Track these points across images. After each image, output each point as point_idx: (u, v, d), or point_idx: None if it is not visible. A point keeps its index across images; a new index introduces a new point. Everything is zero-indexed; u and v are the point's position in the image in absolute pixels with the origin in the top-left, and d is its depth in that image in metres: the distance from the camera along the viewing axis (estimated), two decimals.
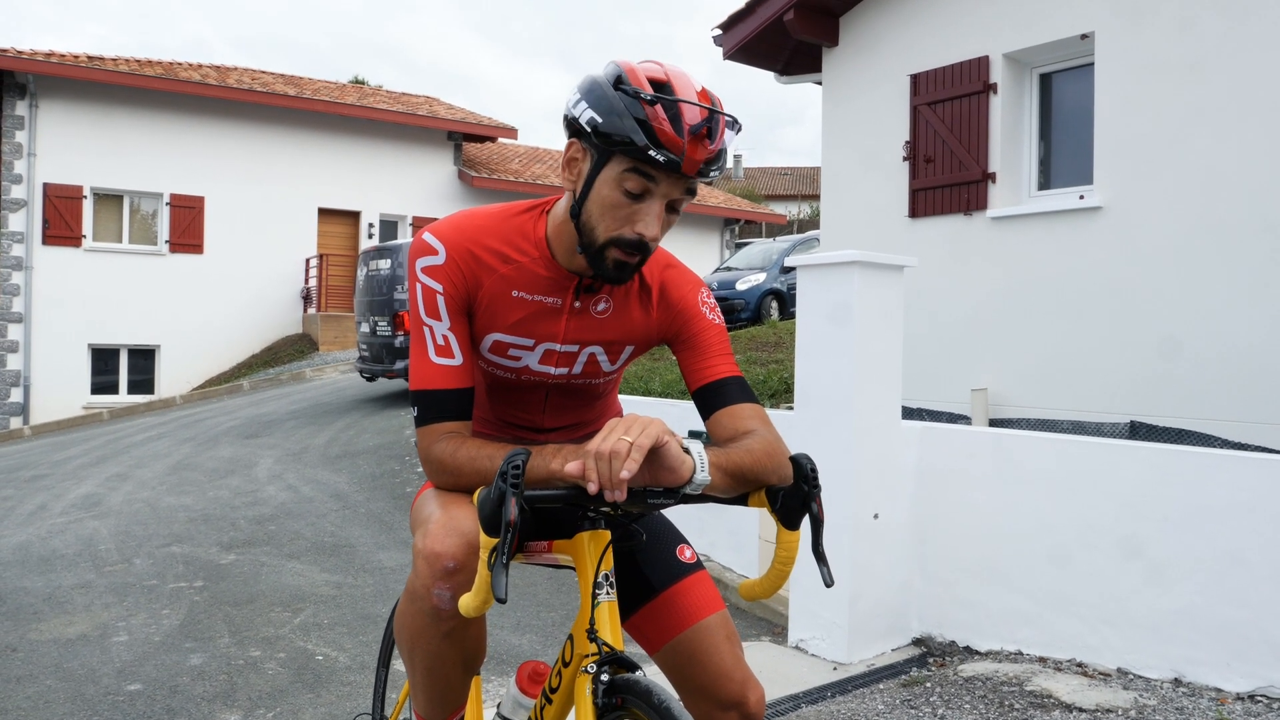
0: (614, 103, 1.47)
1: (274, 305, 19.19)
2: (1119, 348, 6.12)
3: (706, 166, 1.49)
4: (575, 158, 1.57)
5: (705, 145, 1.48)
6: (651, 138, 1.46)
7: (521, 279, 1.67)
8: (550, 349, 1.72)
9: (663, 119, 1.46)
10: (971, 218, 7.06)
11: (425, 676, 1.76)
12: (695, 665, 1.70)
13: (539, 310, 1.69)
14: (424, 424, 1.62)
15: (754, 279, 15.05)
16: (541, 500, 1.46)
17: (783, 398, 8.03)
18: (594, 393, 1.85)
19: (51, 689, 3.92)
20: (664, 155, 1.46)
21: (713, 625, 1.73)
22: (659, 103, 1.46)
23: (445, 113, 21.52)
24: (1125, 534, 3.77)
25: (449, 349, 1.62)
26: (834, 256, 4.20)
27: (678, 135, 1.46)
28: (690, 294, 1.76)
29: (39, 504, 7.90)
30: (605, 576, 1.58)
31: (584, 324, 1.72)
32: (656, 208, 1.53)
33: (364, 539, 6.50)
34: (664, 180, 1.50)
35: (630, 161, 1.48)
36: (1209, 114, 5.73)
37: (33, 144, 16.82)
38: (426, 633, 1.66)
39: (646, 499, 1.48)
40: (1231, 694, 3.48)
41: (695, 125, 1.46)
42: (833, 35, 8.07)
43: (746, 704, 1.68)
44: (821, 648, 4.16)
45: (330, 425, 11.27)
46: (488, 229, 1.67)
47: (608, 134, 1.48)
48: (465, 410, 1.63)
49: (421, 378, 1.63)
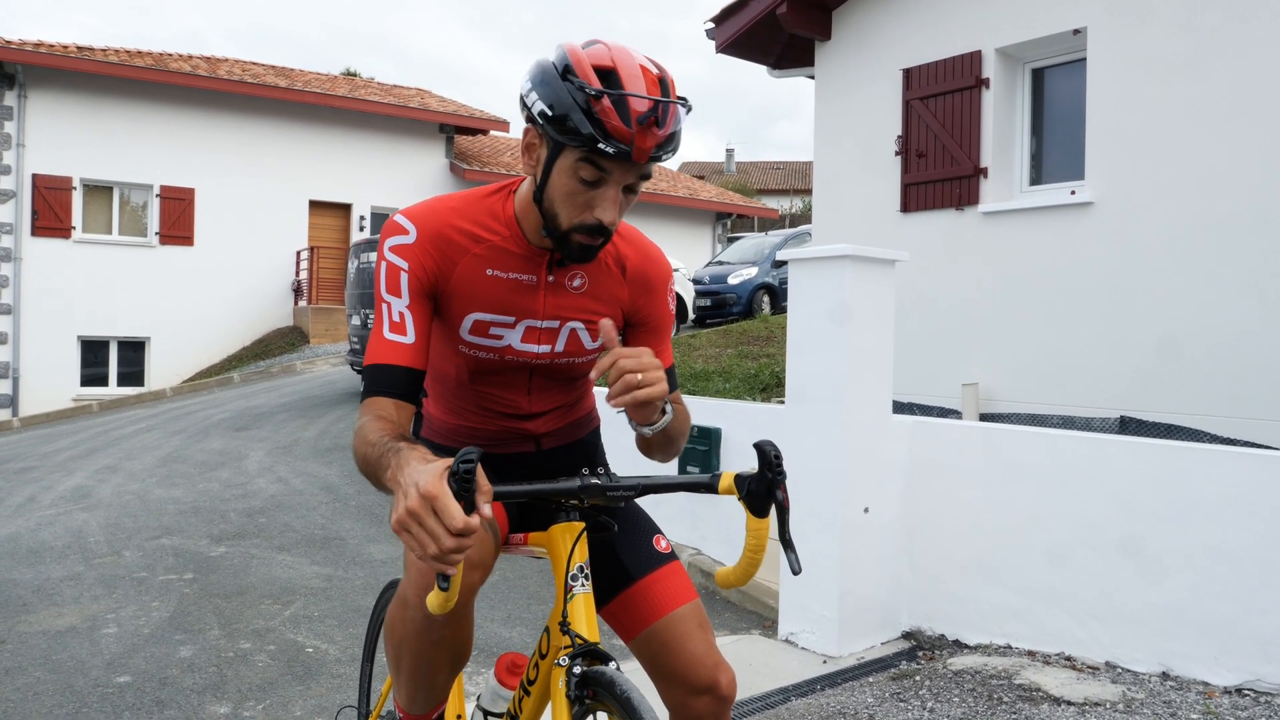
0: (562, 94, 1.49)
1: (264, 298, 19.12)
2: (1110, 343, 6.15)
3: (658, 151, 1.52)
4: (533, 143, 1.60)
5: (654, 132, 1.49)
6: (600, 130, 1.47)
7: (494, 258, 1.69)
8: (531, 326, 1.74)
9: (610, 110, 1.47)
10: (963, 213, 7.07)
11: (410, 676, 1.78)
12: (669, 653, 1.74)
13: (515, 286, 1.70)
14: (364, 397, 1.61)
15: (746, 273, 15.08)
16: (509, 496, 1.47)
17: (774, 392, 8.04)
18: (576, 372, 1.86)
19: (40, 681, 3.91)
20: (613, 146, 1.48)
21: (685, 614, 1.77)
22: (604, 96, 1.47)
23: (437, 105, 21.44)
24: (1115, 529, 3.79)
25: (403, 326, 1.61)
26: (826, 250, 4.20)
27: (626, 126, 1.47)
28: (660, 280, 1.82)
29: (28, 496, 7.86)
30: (580, 568, 1.59)
31: (562, 299, 1.74)
32: (612, 193, 1.56)
33: (354, 531, 6.49)
34: (616, 168, 1.53)
35: (581, 153, 1.51)
36: (1202, 110, 5.75)
37: (21, 135, 16.71)
38: (416, 639, 1.70)
39: (605, 492, 1.54)
40: (1219, 688, 3.51)
41: (643, 115, 1.47)
42: (825, 29, 8.07)
43: (718, 687, 1.72)
44: (811, 641, 4.17)
45: (321, 418, 11.24)
46: (458, 211, 1.70)
47: (559, 125, 1.50)
48: (408, 390, 1.60)
49: (371, 352, 1.62)
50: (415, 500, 1.20)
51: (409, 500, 1.20)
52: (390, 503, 1.30)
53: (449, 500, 1.19)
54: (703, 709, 1.72)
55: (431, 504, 1.19)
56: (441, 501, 1.19)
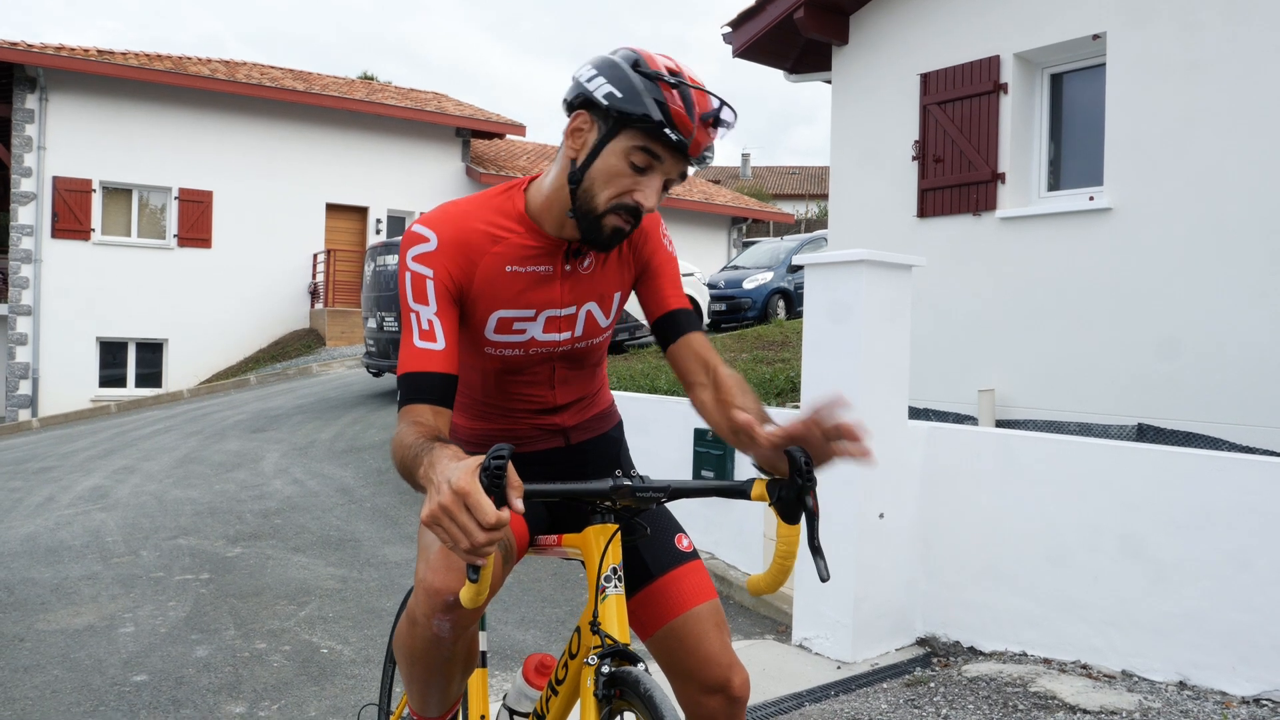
0: (633, 81, 1.56)
1: (281, 300, 19.21)
2: (1127, 350, 6.11)
3: (707, 151, 1.61)
4: (581, 128, 1.63)
5: (711, 133, 1.59)
6: (668, 117, 1.55)
7: (511, 254, 1.72)
8: (552, 315, 1.77)
9: (679, 102, 1.55)
10: (980, 218, 7.05)
11: (423, 685, 1.83)
12: (684, 650, 1.75)
13: (534, 279, 1.74)
14: (401, 405, 1.63)
15: (761, 278, 15.05)
16: (539, 495, 1.48)
17: (789, 397, 8.02)
18: (593, 358, 1.90)
19: (58, 679, 3.94)
20: (677, 135, 1.55)
21: (703, 613, 1.78)
22: (677, 87, 1.55)
23: (453, 109, 21.52)
24: (1132, 537, 3.76)
25: (433, 333, 1.63)
26: (842, 255, 4.19)
27: (690, 119, 1.55)
28: (653, 227, 1.86)
29: (47, 495, 7.93)
30: (614, 570, 1.60)
31: (577, 284, 1.78)
32: (657, 182, 1.62)
33: (369, 533, 6.52)
34: (668, 159, 1.59)
35: (642, 138, 1.57)
36: (1222, 117, 5.71)
37: (42, 137, 16.86)
38: (425, 656, 1.73)
39: (636, 494, 1.54)
40: (1237, 698, 3.48)
41: (706, 113, 1.57)
42: (842, 33, 8.06)
43: (731, 687, 1.73)
44: (826, 646, 4.16)
45: (337, 420, 11.29)
46: (472, 213, 1.73)
47: (625, 109, 1.56)
48: (443, 396, 1.61)
49: (404, 361, 1.64)
50: (448, 496, 1.21)
51: (441, 496, 1.22)
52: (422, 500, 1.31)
53: (480, 495, 1.20)
54: (715, 708, 1.73)
55: (464, 499, 1.20)
56: (474, 497, 1.20)
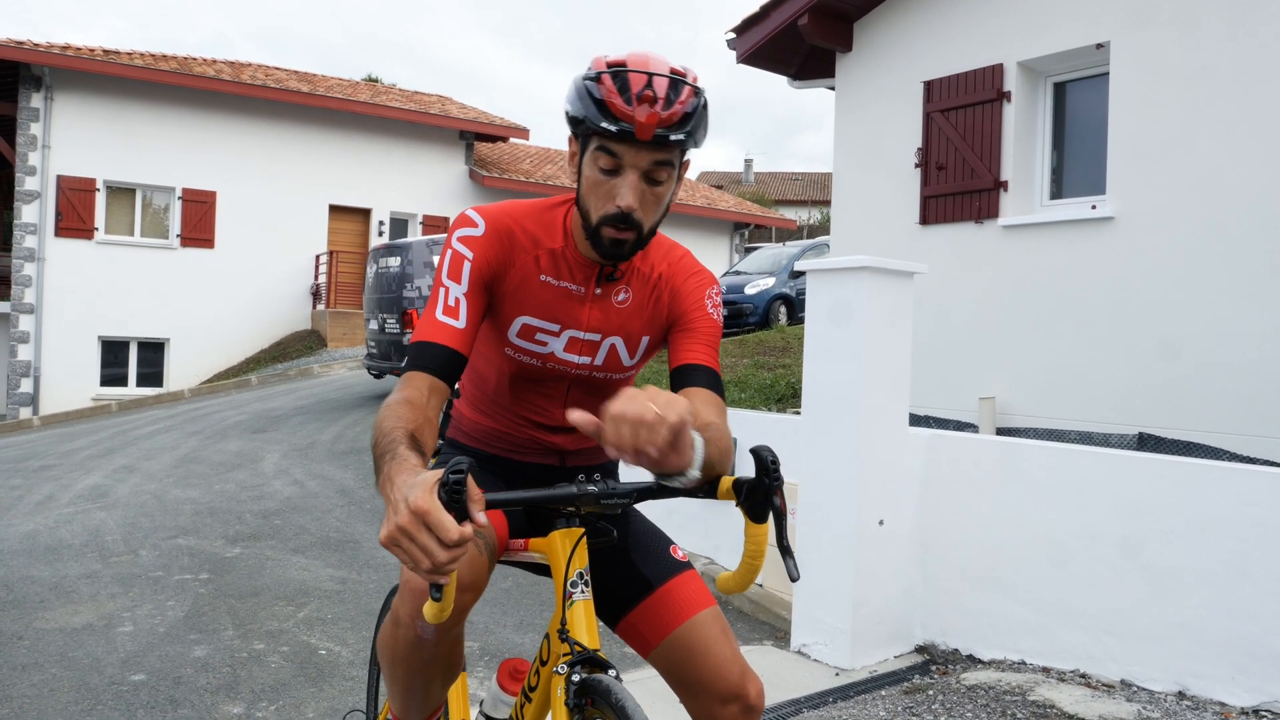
0: (579, 88, 1.58)
1: (283, 301, 19.23)
2: (1129, 359, 6.10)
3: (665, 130, 1.54)
4: (573, 151, 1.67)
5: (655, 109, 1.53)
6: (603, 111, 1.54)
7: (549, 264, 1.74)
8: (574, 336, 1.77)
9: (612, 91, 1.54)
10: (983, 226, 7.05)
11: (404, 689, 1.79)
12: (693, 660, 1.70)
13: (564, 295, 1.75)
14: (405, 370, 1.62)
15: (763, 283, 15.04)
16: (502, 504, 1.47)
17: (789, 402, 8.02)
18: (612, 389, 1.86)
19: (56, 677, 3.94)
20: (615, 125, 1.53)
21: (708, 619, 1.73)
22: (605, 76, 1.54)
23: (457, 112, 21.56)
24: (1132, 546, 3.76)
25: (456, 311, 1.64)
26: (843, 261, 4.19)
27: (626, 104, 1.53)
28: (699, 288, 1.81)
29: (47, 494, 7.93)
30: (580, 575, 1.58)
31: (606, 313, 1.78)
32: (630, 179, 1.59)
33: (369, 535, 6.51)
34: (627, 151, 1.56)
35: (596, 140, 1.58)
36: (1226, 126, 5.71)
37: (47, 136, 16.89)
38: (408, 657, 1.70)
39: (600, 499, 1.53)
40: (1236, 708, 3.47)
41: (639, 90, 1.52)
42: (846, 40, 8.07)
43: (747, 696, 1.67)
44: (824, 653, 4.16)
45: (337, 421, 11.29)
46: (527, 215, 1.76)
47: (574, 118, 1.59)
48: (448, 371, 1.60)
49: (420, 330, 1.64)
50: (405, 516, 1.17)
51: (399, 516, 1.18)
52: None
53: (440, 513, 1.17)
54: (731, 718, 1.67)
55: (423, 519, 1.17)
56: (434, 515, 1.16)
